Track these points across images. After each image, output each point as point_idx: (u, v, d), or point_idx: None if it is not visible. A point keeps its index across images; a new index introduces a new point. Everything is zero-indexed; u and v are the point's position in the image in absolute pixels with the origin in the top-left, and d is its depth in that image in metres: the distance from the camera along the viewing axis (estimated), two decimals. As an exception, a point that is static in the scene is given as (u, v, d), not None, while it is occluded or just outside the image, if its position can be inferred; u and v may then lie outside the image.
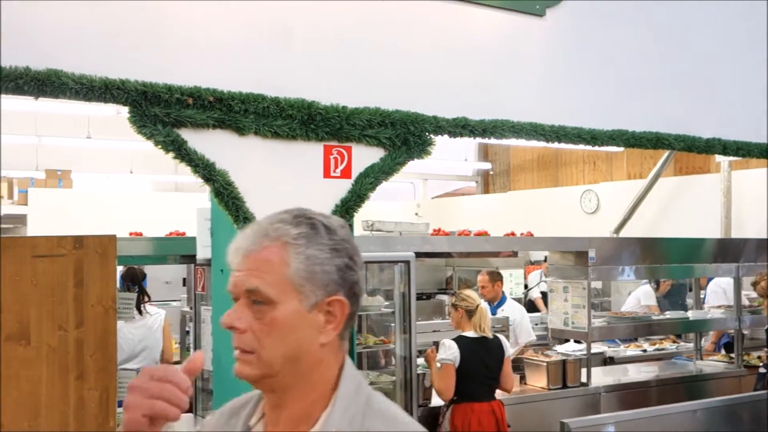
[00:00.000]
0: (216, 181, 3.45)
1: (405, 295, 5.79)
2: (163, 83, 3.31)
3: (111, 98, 3.17)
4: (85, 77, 3.11)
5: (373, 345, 5.83)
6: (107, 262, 3.96)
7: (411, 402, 5.69)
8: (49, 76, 3.02)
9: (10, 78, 2.95)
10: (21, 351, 3.71)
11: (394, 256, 5.83)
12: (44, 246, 3.81)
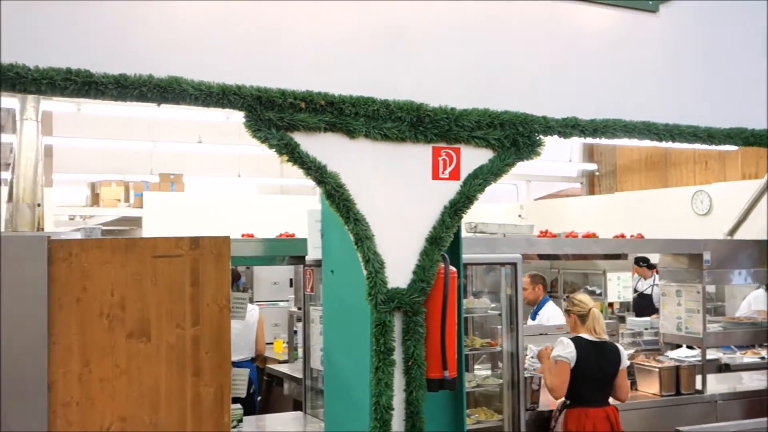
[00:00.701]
0: (327, 184, 3.50)
1: (512, 297, 5.73)
2: (276, 88, 3.40)
3: (228, 103, 3.28)
4: (204, 84, 3.23)
5: (479, 347, 5.79)
6: (222, 262, 4.06)
7: (518, 405, 5.63)
8: (170, 84, 3.15)
9: (135, 86, 3.09)
10: (142, 348, 3.86)
11: (500, 258, 5.79)
12: (163, 247, 3.94)
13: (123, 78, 3.10)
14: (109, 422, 3.78)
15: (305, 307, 5.59)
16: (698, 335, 6.62)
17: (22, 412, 3.63)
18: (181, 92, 3.17)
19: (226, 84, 3.28)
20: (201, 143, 14.22)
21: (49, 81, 2.97)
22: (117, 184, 14.51)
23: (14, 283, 3.63)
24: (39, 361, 3.65)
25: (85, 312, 3.75)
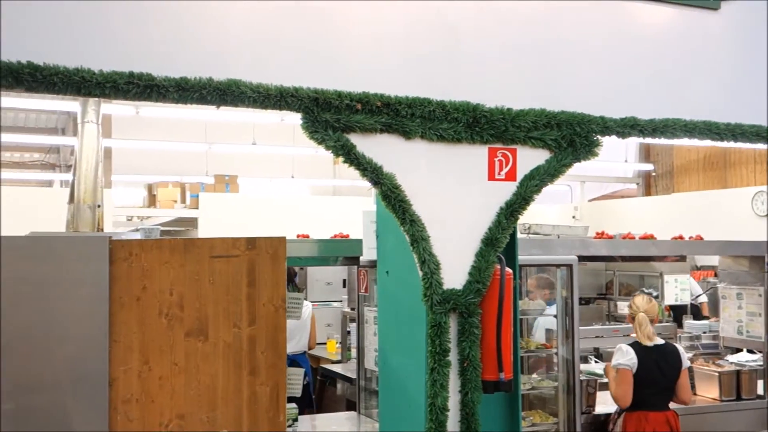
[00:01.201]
0: (383, 185, 3.51)
1: (567, 299, 5.67)
2: (333, 90, 3.42)
3: (285, 105, 3.31)
4: (262, 86, 3.27)
5: (534, 349, 5.75)
6: (278, 262, 4.09)
7: (574, 408, 5.56)
8: (229, 86, 3.20)
9: (195, 89, 3.14)
10: (200, 346, 3.91)
11: (555, 260, 5.73)
12: (220, 247, 3.99)
13: (184, 81, 3.15)
14: (168, 419, 3.84)
15: (359, 308, 5.61)
16: (760, 339, 6.48)
17: (85, 408, 3.71)
18: (239, 94, 3.22)
19: (283, 86, 3.32)
20: (255, 145, 14.37)
21: (113, 85, 3.03)
22: (173, 185, 14.74)
23: (77, 283, 3.72)
24: (101, 358, 3.72)
25: (144, 311, 3.82)
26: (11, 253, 3.65)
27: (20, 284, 3.64)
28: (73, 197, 8.45)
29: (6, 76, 2.85)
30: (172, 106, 3.23)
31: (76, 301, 3.71)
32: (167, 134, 14.38)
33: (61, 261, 3.72)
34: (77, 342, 3.72)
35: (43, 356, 3.67)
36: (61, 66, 2.96)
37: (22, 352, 3.63)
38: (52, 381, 3.69)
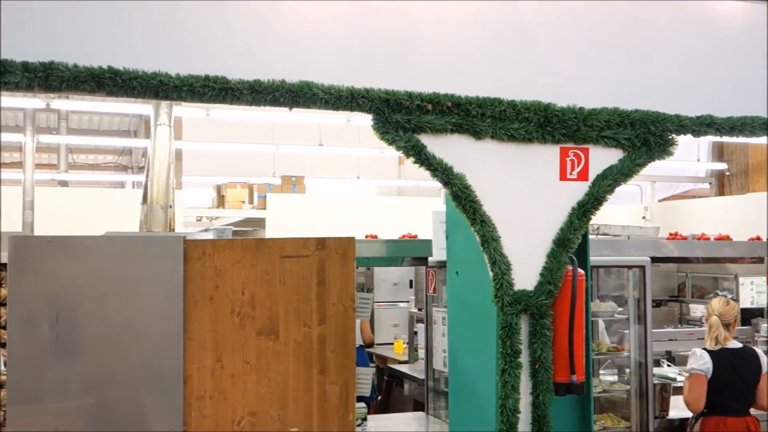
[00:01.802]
0: (454, 185, 3.51)
1: (639, 301, 5.56)
2: (404, 90, 3.43)
3: (356, 107, 3.34)
4: (333, 88, 3.30)
5: (606, 352, 5.66)
6: (347, 262, 4.12)
7: (647, 413, 5.46)
8: (301, 88, 3.24)
9: (268, 91, 3.18)
10: (271, 345, 3.96)
11: (627, 261, 5.64)
12: (291, 247, 4.03)
13: (257, 84, 3.20)
14: (240, 416, 3.90)
15: (427, 308, 5.60)
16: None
17: (160, 404, 3.79)
18: (311, 96, 3.26)
19: (354, 87, 3.35)
20: (321, 146, 14.49)
21: (189, 88, 3.10)
22: (242, 186, 14.94)
23: (153, 282, 3.81)
24: (175, 355, 3.81)
25: (217, 309, 3.88)
26: (90, 252, 3.76)
27: (99, 283, 3.74)
28: (146, 198, 8.66)
29: (88, 80, 2.94)
30: (244, 108, 3.28)
31: (152, 300, 3.80)
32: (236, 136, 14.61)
33: (137, 260, 3.81)
34: (153, 339, 3.81)
35: (121, 353, 3.77)
36: (140, 70, 3.03)
37: (101, 348, 3.74)
38: (130, 377, 3.78)
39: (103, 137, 18.16)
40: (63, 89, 2.93)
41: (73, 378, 3.70)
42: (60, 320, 3.67)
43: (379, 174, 17.51)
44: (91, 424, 3.72)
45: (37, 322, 3.65)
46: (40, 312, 3.66)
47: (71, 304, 3.70)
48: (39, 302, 3.66)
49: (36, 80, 2.88)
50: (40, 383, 3.65)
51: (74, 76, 2.93)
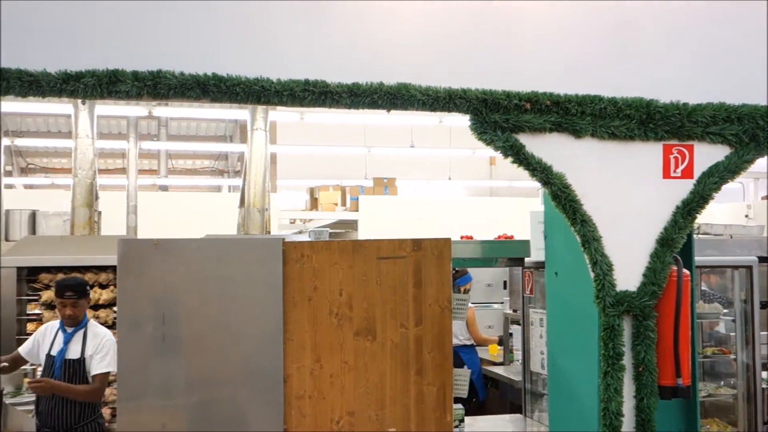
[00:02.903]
0: (553, 184, 3.46)
1: (747, 302, 5.36)
2: (502, 90, 3.41)
3: (454, 107, 3.33)
4: (431, 89, 3.30)
5: (711, 355, 5.47)
6: (443, 264, 4.11)
7: (755, 417, 5.26)
8: (399, 90, 3.25)
9: (367, 93, 3.21)
10: (368, 346, 3.99)
11: (732, 261, 5.44)
12: (387, 248, 4.05)
13: (356, 87, 3.23)
14: (339, 416, 3.94)
15: (524, 310, 5.54)
16: None
17: (262, 403, 3.87)
18: (409, 98, 3.27)
19: (452, 88, 3.34)
20: (413, 147, 14.53)
21: (290, 92, 3.15)
22: (334, 188, 15.12)
23: (253, 283, 3.89)
24: (276, 355, 3.87)
25: (316, 310, 3.94)
26: (193, 254, 3.87)
27: (202, 284, 3.85)
28: (243, 201, 8.87)
29: (194, 87, 3.02)
30: (337, 111, 3.32)
31: (252, 301, 3.88)
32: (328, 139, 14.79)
33: (238, 262, 3.90)
34: (254, 339, 3.89)
35: (223, 352, 3.86)
36: (243, 76, 3.10)
37: (204, 348, 3.84)
38: (231, 376, 3.87)
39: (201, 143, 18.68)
40: (170, 96, 3.03)
41: (178, 376, 3.81)
42: (165, 320, 3.78)
43: (471, 175, 17.43)
44: (194, 421, 3.82)
45: (144, 322, 3.78)
46: (147, 312, 3.78)
47: (176, 304, 3.81)
48: (145, 303, 3.79)
49: (145, 88, 2.98)
50: (147, 381, 3.77)
51: (181, 83, 3.02)
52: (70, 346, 4.97)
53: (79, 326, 5.02)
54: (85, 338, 4.98)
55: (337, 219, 15.10)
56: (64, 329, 5.02)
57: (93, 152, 8.30)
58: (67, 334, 5.00)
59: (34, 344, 5.12)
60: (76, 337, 4.99)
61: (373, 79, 3.26)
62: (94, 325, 5.13)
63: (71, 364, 4.93)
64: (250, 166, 8.69)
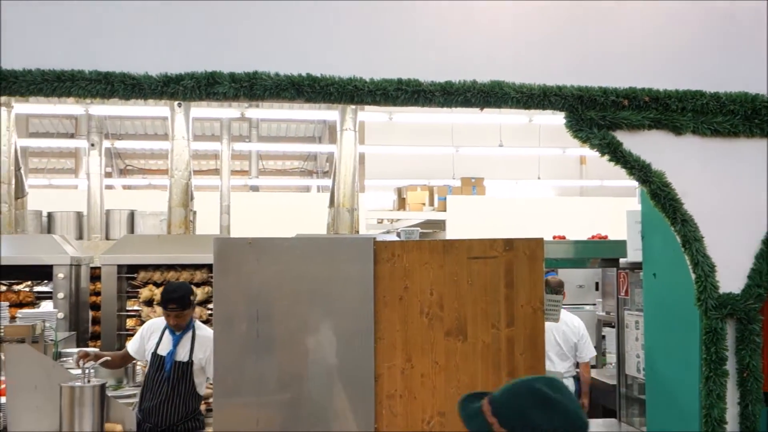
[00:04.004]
0: (653, 183, 3.36)
1: None
2: (598, 86, 3.33)
3: (548, 105, 3.27)
4: (525, 86, 3.25)
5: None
6: (535, 264, 4.06)
7: None
8: (492, 88, 3.22)
9: (460, 92, 3.19)
10: (459, 346, 3.97)
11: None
12: (478, 248, 4.02)
13: (449, 85, 3.21)
14: (429, 416, 3.93)
15: (618, 312, 5.41)
16: None
17: (353, 401, 3.89)
18: (503, 96, 3.23)
19: (546, 85, 3.28)
20: (502, 146, 14.42)
21: (383, 92, 3.16)
22: (422, 188, 15.15)
23: (345, 282, 3.92)
24: (367, 354, 3.89)
25: (406, 310, 3.94)
26: (286, 253, 3.93)
27: (294, 283, 3.90)
28: (333, 201, 8.97)
29: (288, 88, 3.06)
30: (431, 110, 3.31)
31: (344, 300, 3.92)
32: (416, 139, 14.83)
33: (330, 261, 3.94)
34: (345, 338, 3.92)
35: (315, 350, 3.91)
36: (336, 76, 3.12)
37: (297, 346, 3.89)
38: (323, 374, 3.91)
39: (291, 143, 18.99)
40: (266, 97, 3.07)
41: (271, 373, 3.87)
42: (259, 318, 3.85)
43: (560, 174, 17.17)
44: (287, 418, 3.88)
45: (239, 320, 3.85)
46: (241, 310, 3.85)
47: (269, 302, 3.87)
48: (240, 301, 3.86)
49: (242, 90, 3.04)
50: (242, 377, 3.85)
51: (276, 84, 3.06)
52: (179, 349, 5.10)
53: (186, 329, 5.14)
54: (193, 341, 5.11)
55: (424, 219, 15.12)
56: (173, 331, 5.15)
57: (188, 154, 8.54)
58: (176, 336, 5.13)
59: (141, 342, 5.28)
60: (184, 339, 5.12)
61: (466, 78, 3.23)
62: (200, 327, 5.24)
63: (180, 366, 5.07)
64: (339, 167, 8.79)
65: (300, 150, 19.75)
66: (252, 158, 17.76)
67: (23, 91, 2.88)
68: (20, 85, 2.88)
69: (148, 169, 20.29)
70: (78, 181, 16.11)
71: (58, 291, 7.81)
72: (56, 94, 2.90)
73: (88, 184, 11.92)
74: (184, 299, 5.09)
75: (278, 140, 19.14)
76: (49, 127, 18.33)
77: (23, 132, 13.59)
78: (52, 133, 18.34)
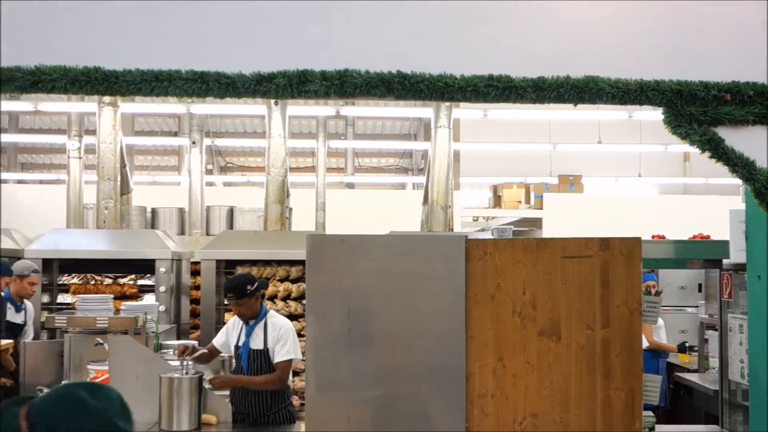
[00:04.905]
0: (757, 181, 3.21)
1: None
2: (698, 81, 3.21)
3: (646, 100, 3.17)
4: (621, 81, 3.16)
5: None
6: (632, 264, 3.95)
7: None
8: (587, 83, 3.14)
9: (553, 87, 3.13)
10: (552, 346, 3.90)
11: None
12: (572, 247, 3.94)
13: (541, 81, 3.16)
14: (522, 417, 3.88)
15: (721, 315, 5.21)
16: None
17: (444, 400, 3.88)
18: (597, 91, 3.15)
19: (643, 80, 3.18)
20: (600, 143, 14.13)
21: (473, 88, 3.13)
22: (518, 186, 15.00)
23: (436, 279, 3.91)
24: (458, 353, 3.87)
25: (498, 309, 3.90)
26: (378, 250, 3.95)
27: (386, 280, 3.91)
28: (427, 199, 8.98)
29: (378, 85, 3.07)
30: (526, 107, 3.26)
31: (435, 297, 3.90)
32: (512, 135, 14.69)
33: (421, 259, 3.94)
34: (437, 336, 3.90)
35: (407, 348, 3.91)
36: (426, 73, 3.12)
37: (388, 343, 3.91)
38: (414, 372, 3.91)
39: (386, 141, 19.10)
40: (356, 95, 3.09)
41: (363, 369, 3.89)
42: (351, 314, 3.88)
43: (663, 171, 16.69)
44: (378, 415, 3.89)
45: (331, 315, 3.89)
46: (334, 306, 3.89)
47: (361, 299, 3.90)
48: (332, 296, 3.90)
49: (332, 88, 3.07)
50: (334, 373, 3.89)
51: (366, 82, 3.07)
52: (253, 338, 5.22)
53: (258, 318, 5.26)
54: (266, 329, 5.22)
55: (520, 217, 14.97)
56: (246, 322, 5.28)
57: (285, 151, 8.70)
58: (249, 326, 5.25)
59: (226, 337, 5.44)
60: (257, 329, 5.24)
61: (559, 73, 3.17)
62: (273, 315, 5.35)
63: (256, 354, 5.18)
64: (434, 164, 8.79)
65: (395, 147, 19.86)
66: (348, 155, 17.95)
67: (123, 91, 2.99)
68: (120, 84, 2.99)
69: (247, 166, 20.79)
70: (180, 177, 16.64)
71: (160, 284, 8.08)
72: (154, 94, 2.99)
73: (189, 181, 12.29)
74: (239, 288, 5.20)
75: (374, 138, 19.30)
76: (153, 125, 19.03)
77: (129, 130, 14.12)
78: (156, 132, 19.03)
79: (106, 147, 8.49)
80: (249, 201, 11.27)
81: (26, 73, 3.04)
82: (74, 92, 3.07)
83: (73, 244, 8.14)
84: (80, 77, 3.02)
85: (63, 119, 13.30)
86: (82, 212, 10.66)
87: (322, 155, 13.54)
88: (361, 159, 20.55)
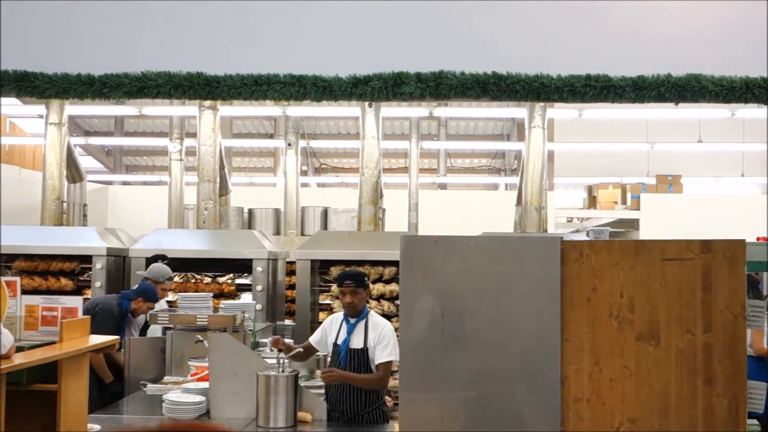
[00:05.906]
0: None
1: None
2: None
3: (752, 98, 3.08)
4: (725, 79, 3.08)
5: None
6: (736, 267, 3.83)
7: None
8: (689, 81, 3.07)
9: (653, 86, 3.07)
10: (651, 351, 3.82)
11: None
12: (672, 249, 3.85)
13: (640, 80, 3.10)
14: (619, 422, 3.81)
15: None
16: None
17: (538, 403, 3.85)
18: (699, 89, 3.07)
19: (749, 77, 3.08)
20: (701, 142, 13.70)
21: (570, 88, 3.09)
22: (614, 186, 14.70)
23: (531, 281, 3.87)
24: (553, 356, 3.83)
25: (595, 312, 3.83)
26: (471, 252, 3.93)
27: (479, 281, 3.90)
28: (520, 199, 8.89)
29: (473, 86, 3.07)
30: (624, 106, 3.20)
31: (529, 299, 3.87)
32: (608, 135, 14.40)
33: (515, 260, 3.90)
34: (531, 338, 3.87)
35: (501, 350, 3.89)
36: (522, 74, 3.10)
37: (482, 344, 3.89)
38: (509, 374, 3.89)
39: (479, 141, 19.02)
40: (451, 96, 3.10)
41: (457, 371, 3.89)
42: (445, 315, 3.88)
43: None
44: (472, 416, 3.89)
45: (425, 316, 3.90)
46: (427, 307, 3.91)
47: (455, 300, 3.90)
48: (426, 297, 3.92)
49: (427, 89, 3.09)
50: (427, 374, 3.90)
51: (461, 83, 3.08)
52: (353, 337, 5.27)
53: (360, 317, 5.31)
54: (366, 328, 5.27)
55: (616, 218, 14.66)
56: (348, 320, 5.34)
57: (378, 152, 8.76)
58: (350, 324, 5.31)
59: (322, 334, 5.51)
60: (358, 327, 5.29)
61: (659, 71, 3.10)
62: (374, 316, 5.40)
63: (355, 353, 5.23)
64: (527, 165, 8.70)
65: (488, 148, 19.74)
66: (440, 156, 17.94)
67: (225, 95, 3.09)
68: (222, 89, 3.09)
69: (340, 167, 21.04)
70: (276, 179, 16.97)
71: (257, 283, 8.27)
72: (254, 97, 3.08)
73: (285, 182, 12.52)
74: (359, 277, 5.27)
75: (466, 138, 19.23)
76: (250, 128, 19.48)
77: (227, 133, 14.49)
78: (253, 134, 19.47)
79: (206, 149, 8.74)
80: (343, 202, 11.42)
81: (133, 79, 3.17)
82: (178, 97, 3.19)
83: (174, 244, 8.41)
84: (184, 83, 3.13)
85: (165, 122, 13.77)
86: (182, 213, 11.02)
87: (414, 156, 13.58)
88: (454, 160, 20.51)
